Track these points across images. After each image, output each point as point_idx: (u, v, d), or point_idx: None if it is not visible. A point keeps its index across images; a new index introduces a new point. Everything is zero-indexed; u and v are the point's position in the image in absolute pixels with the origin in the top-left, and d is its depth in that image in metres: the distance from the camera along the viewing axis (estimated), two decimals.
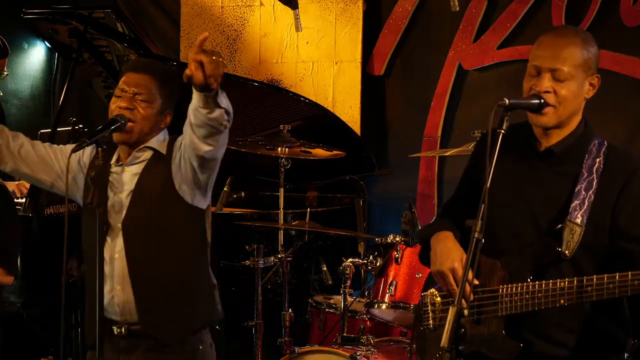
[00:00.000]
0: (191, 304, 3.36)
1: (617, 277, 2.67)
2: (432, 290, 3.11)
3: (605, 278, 2.68)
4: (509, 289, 2.85)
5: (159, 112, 3.35)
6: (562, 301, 2.75)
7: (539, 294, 2.78)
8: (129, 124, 3.27)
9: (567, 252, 2.80)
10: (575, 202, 2.82)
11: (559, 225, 2.83)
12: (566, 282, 2.75)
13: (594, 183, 2.84)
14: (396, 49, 6.26)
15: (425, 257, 3.09)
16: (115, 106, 3.30)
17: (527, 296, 2.81)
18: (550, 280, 2.78)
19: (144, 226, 3.30)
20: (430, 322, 3.09)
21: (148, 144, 3.36)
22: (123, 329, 3.28)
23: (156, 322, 3.30)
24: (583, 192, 2.83)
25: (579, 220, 2.80)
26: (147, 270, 3.28)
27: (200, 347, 3.39)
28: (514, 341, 2.84)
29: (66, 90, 5.27)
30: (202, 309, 3.40)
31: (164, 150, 3.36)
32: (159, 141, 3.38)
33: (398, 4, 6.21)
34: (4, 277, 3.88)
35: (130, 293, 3.26)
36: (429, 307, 3.10)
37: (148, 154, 3.36)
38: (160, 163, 3.34)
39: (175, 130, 3.42)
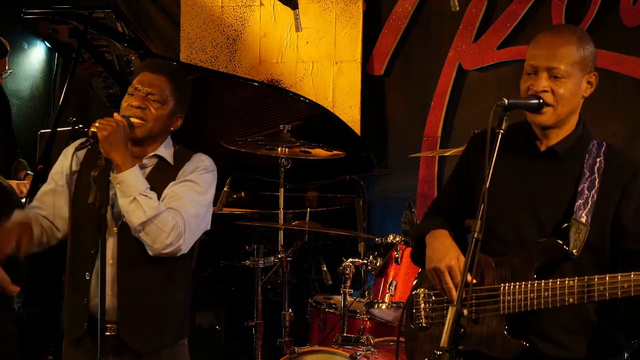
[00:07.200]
0: (171, 317, 3.34)
1: (632, 275, 2.63)
2: (424, 289, 3.09)
3: (619, 277, 2.65)
4: (512, 287, 2.82)
5: (171, 114, 3.34)
6: (570, 300, 2.72)
7: (546, 293, 2.75)
8: (138, 121, 3.26)
9: (574, 251, 2.78)
10: (579, 201, 2.81)
11: (565, 225, 2.81)
12: (575, 281, 2.71)
13: (596, 182, 2.84)
14: (396, 49, 6.26)
15: (416, 257, 3.08)
16: (127, 104, 3.29)
17: (532, 295, 2.78)
18: (558, 279, 2.75)
19: None
20: (423, 320, 3.07)
21: (157, 152, 3.35)
22: (114, 330, 3.25)
23: (133, 330, 3.26)
24: (586, 192, 2.83)
25: (584, 220, 2.79)
26: (133, 278, 3.26)
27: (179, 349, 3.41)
28: (517, 340, 2.82)
29: (66, 90, 5.26)
30: (179, 323, 3.39)
31: (171, 160, 3.36)
32: (166, 149, 3.37)
33: (398, 4, 6.21)
34: (11, 286, 3.71)
35: (116, 298, 3.25)
36: (421, 305, 3.08)
37: (154, 161, 3.36)
38: (165, 172, 3.34)
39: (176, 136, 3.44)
